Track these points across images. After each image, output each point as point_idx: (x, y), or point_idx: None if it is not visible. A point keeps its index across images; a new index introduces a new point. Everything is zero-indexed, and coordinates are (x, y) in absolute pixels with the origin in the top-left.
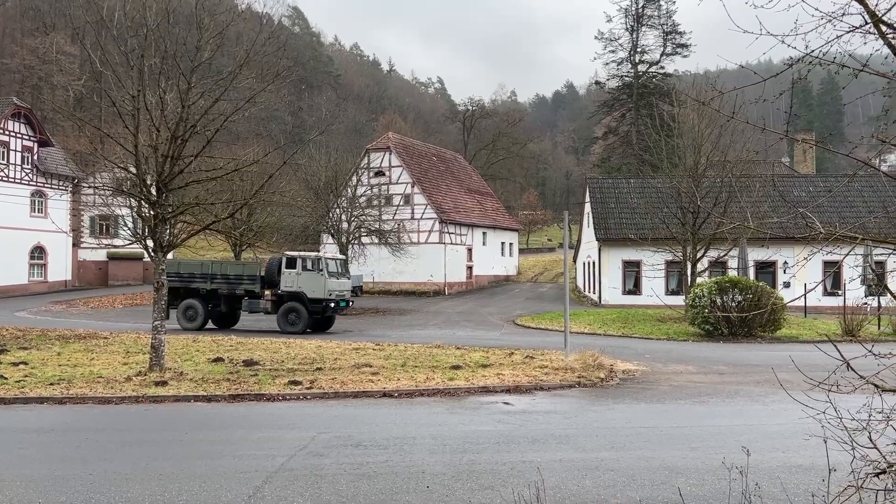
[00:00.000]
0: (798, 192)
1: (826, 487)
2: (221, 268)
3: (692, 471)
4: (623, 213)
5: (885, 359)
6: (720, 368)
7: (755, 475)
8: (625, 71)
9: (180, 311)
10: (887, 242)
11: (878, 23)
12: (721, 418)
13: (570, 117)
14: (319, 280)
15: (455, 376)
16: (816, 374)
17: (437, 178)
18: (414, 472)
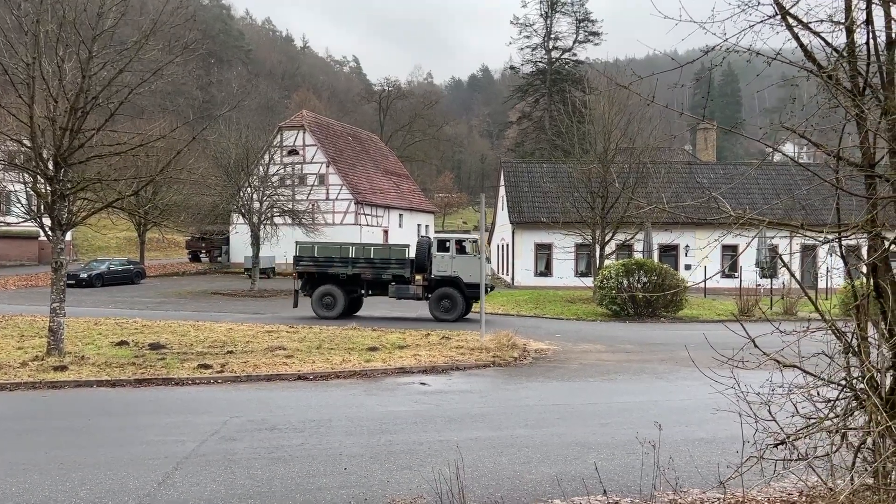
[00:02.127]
0: (700, 179)
1: (727, 459)
2: (364, 251)
3: (603, 446)
4: (536, 197)
5: (790, 336)
6: (627, 347)
7: (663, 449)
8: (539, 57)
9: (316, 298)
10: (790, 225)
11: (786, 14)
12: (628, 395)
13: (485, 101)
14: (476, 264)
15: (372, 358)
16: (719, 353)
17: (353, 159)
18: (331, 454)
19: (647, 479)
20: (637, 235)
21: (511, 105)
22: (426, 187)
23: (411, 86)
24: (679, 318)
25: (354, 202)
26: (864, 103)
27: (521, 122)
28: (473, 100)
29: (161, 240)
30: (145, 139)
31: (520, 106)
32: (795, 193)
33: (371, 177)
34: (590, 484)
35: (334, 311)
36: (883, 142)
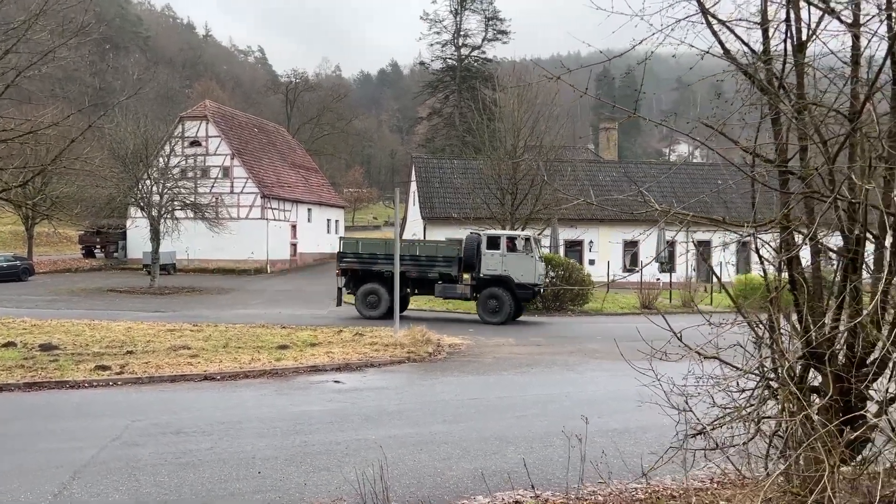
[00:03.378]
0: (603, 177)
1: (640, 449)
2: (410, 248)
3: (521, 439)
4: (447, 193)
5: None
6: (538, 340)
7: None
8: (449, 53)
9: (360, 296)
10: (714, 220)
11: (706, 13)
12: (542, 387)
13: (394, 96)
14: (529, 262)
15: (282, 356)
16: (629, 344)
17: (259, 151)
18: (243, 457)
19: (565, 471)
20: (545, 231)
21: (421, 101)
22: (336, 182)
23: (319, 78)
24: (585, 312)
25: (261, 196)
26: (780, 102)
27: (431, 118)
28: (383, 94)
29: (52, 234)
30: (35, 126)
31: (430, 102)
32: (714, 190)
33: (278, 170)
34: (512, 478)
35: (378, 310)
36: (797, 139)
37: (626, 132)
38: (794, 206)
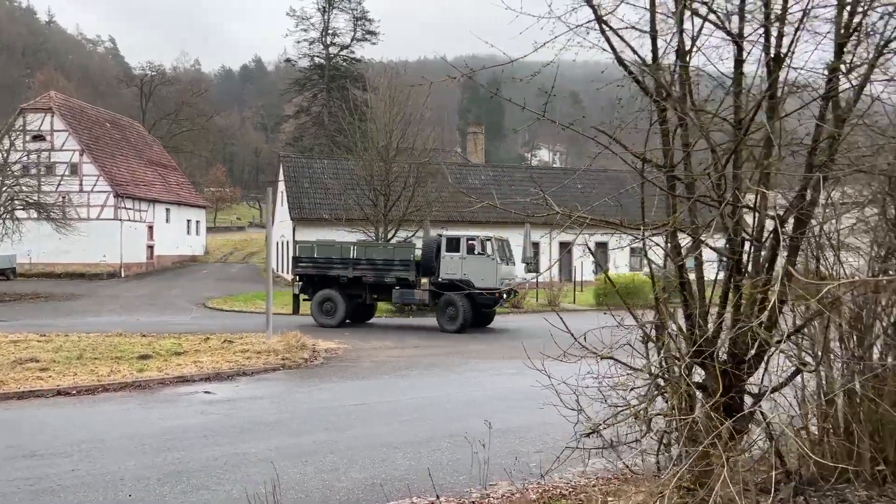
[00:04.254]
0: (472, 180)
1: (527, 448)
2: (366, 251)
3: (407, 445)
4: (317, 194)
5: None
6: (415, 343)
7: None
8: (317, 51)
9: (315, 303)
10: (611, 223)
11: (601, 21)
12: (424, 390)
13: (259, 93)
14: (490, 266)
15: (145, 367)
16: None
17: (112, 147)
18: (110, 479)
19: (456, 475)
20: (418, 232)
21: (288, 98)
22: (196, 180)
23: (177, 72)
24: None
25: (114, 195)
26: (666, 109)
27: (298, 116)
28: (246, 91)
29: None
30: None
31: (297, 100)
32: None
33: (133, 167)
34: (403, 486)
35: (335, 317)
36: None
37: (492, 137)
38: (682, 211)
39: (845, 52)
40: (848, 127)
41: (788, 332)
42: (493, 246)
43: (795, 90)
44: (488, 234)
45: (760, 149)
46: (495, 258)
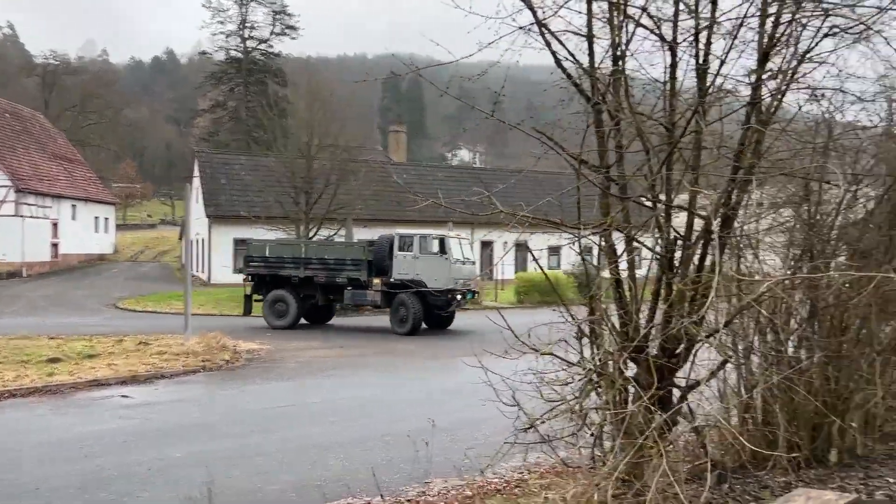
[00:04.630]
0: (395, 179)
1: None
2: (318, 250)
3: (338, 446)
4: (235, 191)
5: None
6: (341, 342)
7: (396, 442)
8: (234, 45)
9: (267, 304)
10: (551, 222)
11: (541, 24)
12: (351, 390)
13: (171, 85)
14: (443, 265)
15: (55, 371)
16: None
17: (12, 139)
18: (26, 491)
19: (391, 474)
20: (340, 231)
21: (203, 92)
22: (104, 175)
23: (83, 62)
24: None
25: (14, 190)
26: (601, 112)
27: (214, 110)
28: (158, 83)
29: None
30: None
31: (213, 94)
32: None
33: (35, 161)
34: (336, 487)
35: (286, 319)
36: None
37: (414, 136)
38: (617, 211)
39: (769, 61)
40: (770, 132)
41: (717, 327)
42: (447, 245)
43: (723, 96)
44: (445, 233)
45: (690, 151)
46: (449, 257)
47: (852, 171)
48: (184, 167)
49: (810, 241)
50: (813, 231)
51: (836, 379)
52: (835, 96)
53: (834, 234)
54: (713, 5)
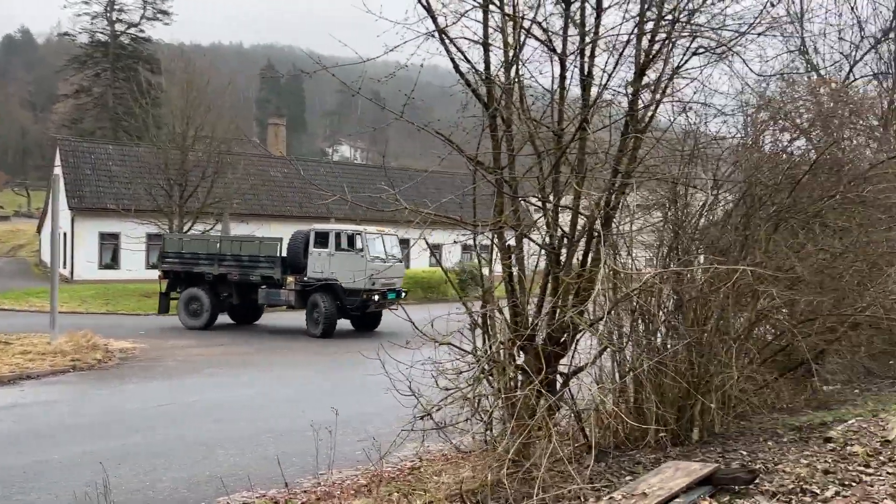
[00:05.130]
0: (274, 173)
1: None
2: (232, 246)
3: (228, 442)
4: (101, 182)
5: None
6: (222, 340)
7: (283, 437)
8: (100, 27)
9: (182, 303)
10: (451, 219)
11: (441, 32)
12: (235, 388)
13: (26, 67)
14: (359, 263)
15: None
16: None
17: None
18: None
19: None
20: (216, 226)
21: (65, 76)
22: None
23: None
24: None
25: None
26: (497, 116)
27: (78, 96)
28: (11, 64)
29: None
30: None
31: (76, 78)
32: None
33: None
34: (229, 482)
35: (201, 319)
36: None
37: (294, 130)
38: (510, 210)
39: (646, 75)
40: (646, 140)
41: (599, 317)
42: (363, 241)
43: (605, 105)
44: (361, 229)
45: (576, 156)
46: (365, 255)
47: (714, 177)
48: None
49: (677, 241)
50: (679, 231)
51: (699, 364)
52: (701, 110)
53: (697, 234)
54: (597, 22)
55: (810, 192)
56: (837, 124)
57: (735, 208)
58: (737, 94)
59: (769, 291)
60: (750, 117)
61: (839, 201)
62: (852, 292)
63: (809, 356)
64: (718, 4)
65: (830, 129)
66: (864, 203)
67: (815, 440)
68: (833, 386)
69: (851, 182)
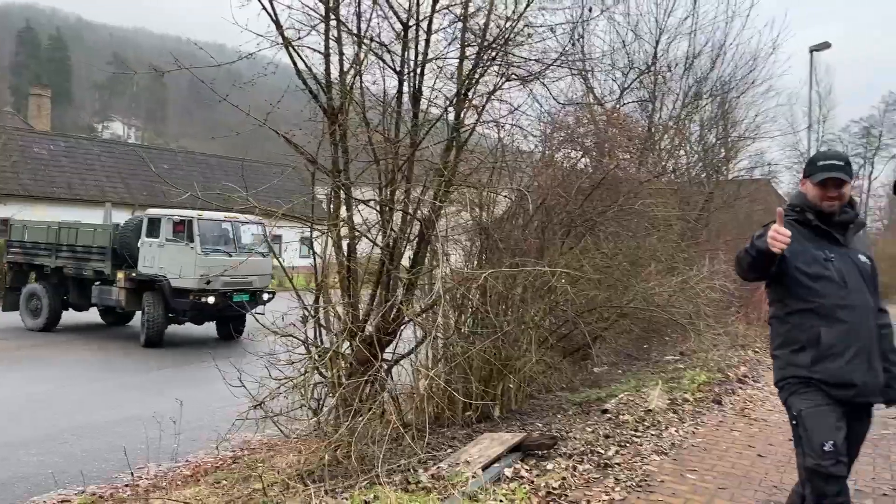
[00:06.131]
0: (38, 150)
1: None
2: (69, 234)
3: (29, 441)
4: None
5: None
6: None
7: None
8: None
9: (23, 300)
10: (292, 216)
11: (286, 41)
12: (25, 385)
13: None
14: (188, 257)
15: None
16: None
17: None
18: None
19: (95, 463)
20: None
21: None
22: None
23: None
24: None
25: None
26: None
27: None
28: None
29: None
30: None
31: None
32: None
33: None
34: (39, 482)
35: (40, 318)
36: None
37: (59, 102)
38: (349, 210)
39: (467, 95)
40: (465, 152)
41: (422, 309)
42: (194, 229)
43: (434, 120)
44: (191, 213)
45: (407, 163)
46: (195, 246)
47: (517, 186)
48: None
49: (488, 242)
50: (487, 234)
51: (502, 350)
52: (510, 128)
53: (503, 236)
54: (427, 45)
55: (595, 204)
56: (611, 146)
57: (534, 215)
58: (539, 114)
59: (562, 287)
60: (546, 137)
61: (616, 212)
62: (621, 287)
63: (588, 341)
64: (527, 41)
65: (606, 150)
66: (634, 214)
67: (595, 412)
68: (602, 368)
69: (625, 196)
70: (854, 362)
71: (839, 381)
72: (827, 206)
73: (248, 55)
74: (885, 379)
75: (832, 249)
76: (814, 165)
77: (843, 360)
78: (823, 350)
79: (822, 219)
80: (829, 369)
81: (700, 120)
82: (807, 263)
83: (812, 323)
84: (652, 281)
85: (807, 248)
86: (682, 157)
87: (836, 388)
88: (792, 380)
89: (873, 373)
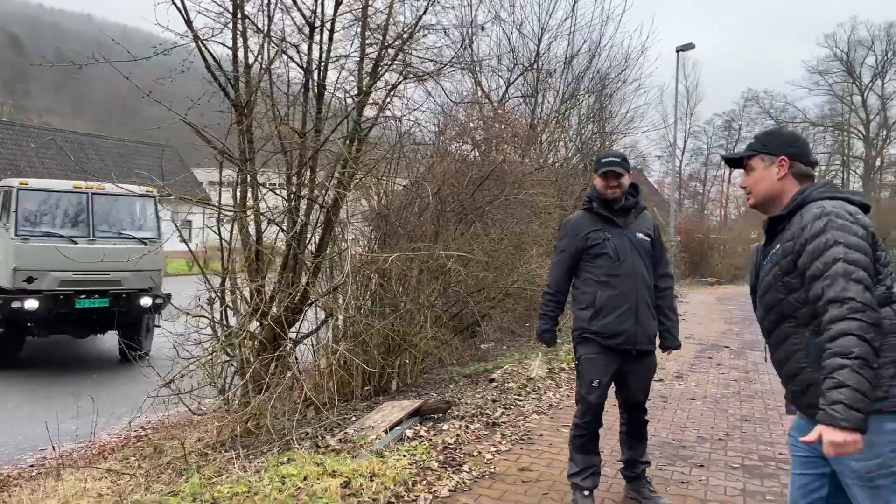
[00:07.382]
0: None
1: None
2: None
3: None
4: None
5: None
6: None
7: None
8: None
9: None
10: (206, 202)
11: (196, 37)
12: None
13: None
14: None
15: None
16: None
17: None
18: None
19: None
20: None
21: None
22: None
23: None
24: None
25: None
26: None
27: None
28: None
29: None
30: None
31: None
32: None
33: None
34: None
35: None
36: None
37: None
38: (257, 198)
39: (369, 90)
40: (367, 144)
41: (327, 291)
42: (14, 203)
43: (340, 115)
44: (12, 182)
45: (313, 154)
46: (10, 227)
47: (414, 176)
48: None
49: (384, 228)
50: (386, 220)
51: (400, 328)
52: (408, 122)
53: (401, 222)
54: (329, 44)
55: (484, 193)
56: (498, 141)
57: (429, 203)
58: (435, 110)
59: (455, 269)
60: (441, 131)
61: (502, 201)
62: (507, 269)
63: (476, 319)
64: (422, 41)
65: (493, 144)
66: (518, 202)
67: (483, 382)
68: (489, 344)
69: (510, 186)
70: (621, 318)
71: (609, 333)
72: (610, 194)
73: (165, 52)
74: (660, 330)
75: (610, 231)
76: (598, 163)
77: (612, 317)
78: (598, 309)
79: (606, 206)
80: (602, 323)
81: (578, 114)
82: (591, 245)
83: (592, 289)
84: (534, 263)
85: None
86: (561, 149)
87: (607, 338)
88: (577, 332)
89: (638, 326)
